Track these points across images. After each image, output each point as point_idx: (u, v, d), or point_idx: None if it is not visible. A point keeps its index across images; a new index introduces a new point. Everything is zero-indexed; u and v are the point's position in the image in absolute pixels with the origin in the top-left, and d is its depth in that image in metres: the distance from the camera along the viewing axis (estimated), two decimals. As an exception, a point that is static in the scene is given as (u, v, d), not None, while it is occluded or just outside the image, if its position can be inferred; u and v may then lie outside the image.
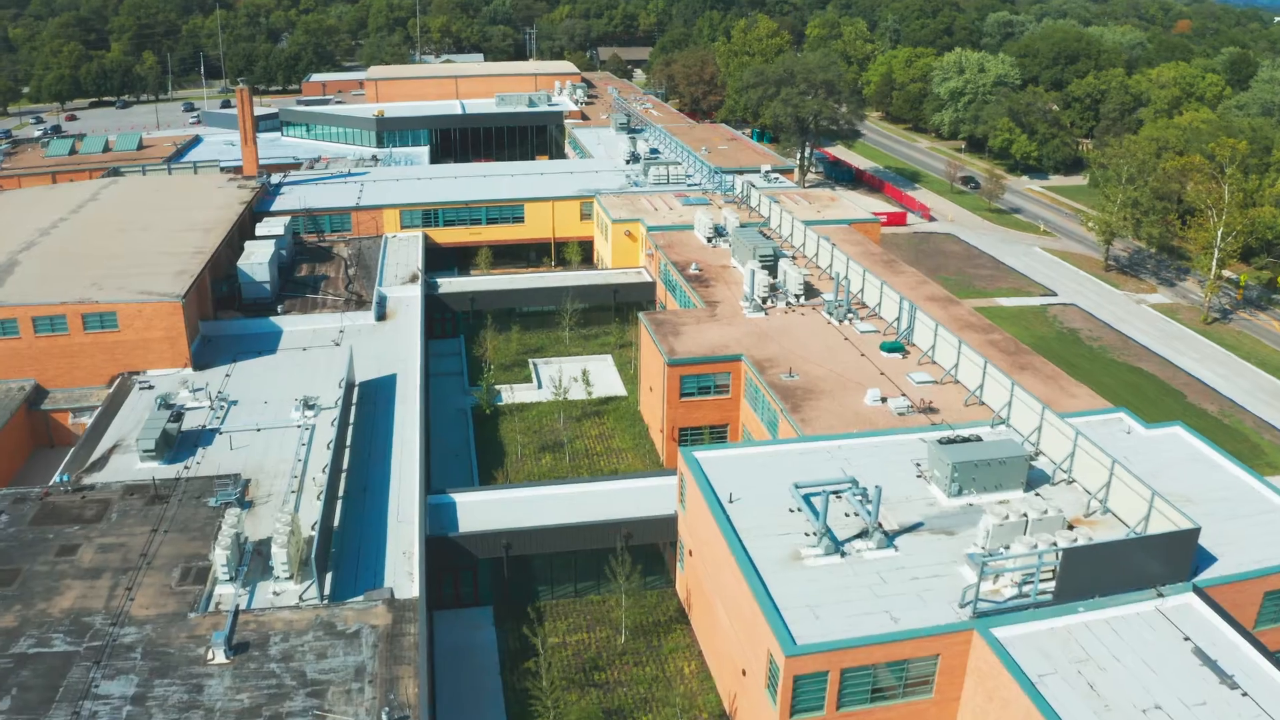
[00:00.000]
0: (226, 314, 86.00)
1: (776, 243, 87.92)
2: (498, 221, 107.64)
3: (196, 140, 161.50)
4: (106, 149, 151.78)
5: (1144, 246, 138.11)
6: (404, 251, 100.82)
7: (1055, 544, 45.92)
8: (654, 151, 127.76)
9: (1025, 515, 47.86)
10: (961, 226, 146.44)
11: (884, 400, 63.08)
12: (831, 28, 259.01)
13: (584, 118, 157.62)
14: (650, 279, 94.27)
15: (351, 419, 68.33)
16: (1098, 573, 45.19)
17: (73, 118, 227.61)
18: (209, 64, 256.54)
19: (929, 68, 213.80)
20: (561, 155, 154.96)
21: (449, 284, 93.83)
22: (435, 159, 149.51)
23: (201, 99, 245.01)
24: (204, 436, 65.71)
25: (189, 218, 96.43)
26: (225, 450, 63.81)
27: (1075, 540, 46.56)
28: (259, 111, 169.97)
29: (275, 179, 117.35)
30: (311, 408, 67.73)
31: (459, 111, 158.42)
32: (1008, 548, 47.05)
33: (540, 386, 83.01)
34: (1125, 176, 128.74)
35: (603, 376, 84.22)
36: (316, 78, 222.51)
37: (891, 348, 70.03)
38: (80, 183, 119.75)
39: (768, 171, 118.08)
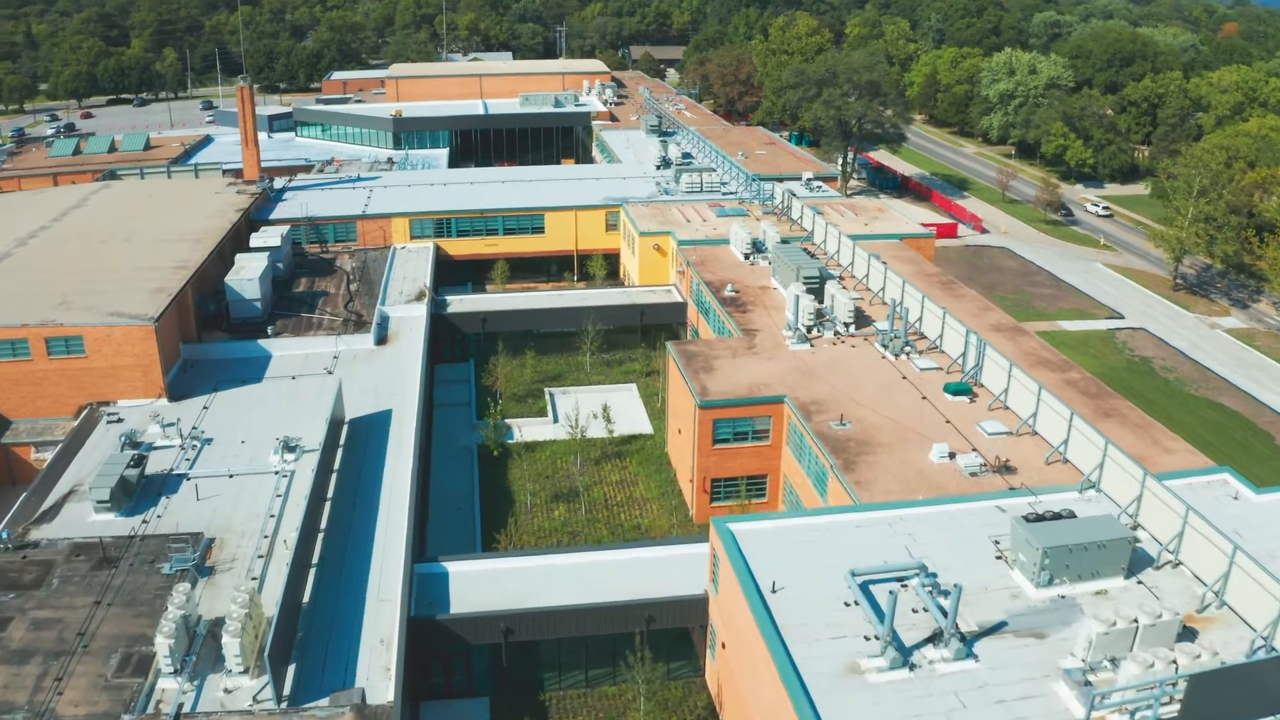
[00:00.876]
0: (212, 335, 77.94)
1: (822, 261, 78.73)
2: (515, 232, 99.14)
3: (207, 140, 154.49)
4: (112, 149, 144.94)
5: (1215, 264, 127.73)
6: (412, 265, 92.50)
7: (1175, 662, 36.78)
8: (686, 156, 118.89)
9: (1135, 622, 38.60)
10: (1016, 239, 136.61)
11: (952, 456, 53.88)
12: (872, 26, 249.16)
13: (613, 119, 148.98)
14: (681, 299, 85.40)
15: (336, 464, 60.03)
16: (1230, 699, 36.02)
17: (88, 115, 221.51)
18: (230, 61, 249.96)
19: (976, 69, 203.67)
20: (588, 159, 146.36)
21: (459, 303, 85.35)
22: (455, 162, 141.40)
23: (219, 97, 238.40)
24: (169, 483, 57.80)
25: (178, 227, 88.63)
26: (191, 501, 55.88)
27: (1199, 656, 37.33)
28: (274, 110, 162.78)
29: (279, 183, 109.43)
30: (293, 450, 59.57)
31: (481, 112, 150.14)
32: (1113, 662, 37.94)
33: (556, 421, 74.31)
34: (1197, 189, 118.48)
35: (626, 410, 75.46)
36: (337, 75, 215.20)
37: (957, 390, 60.79)
38: (71, 186, 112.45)
39: (809, 179, 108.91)
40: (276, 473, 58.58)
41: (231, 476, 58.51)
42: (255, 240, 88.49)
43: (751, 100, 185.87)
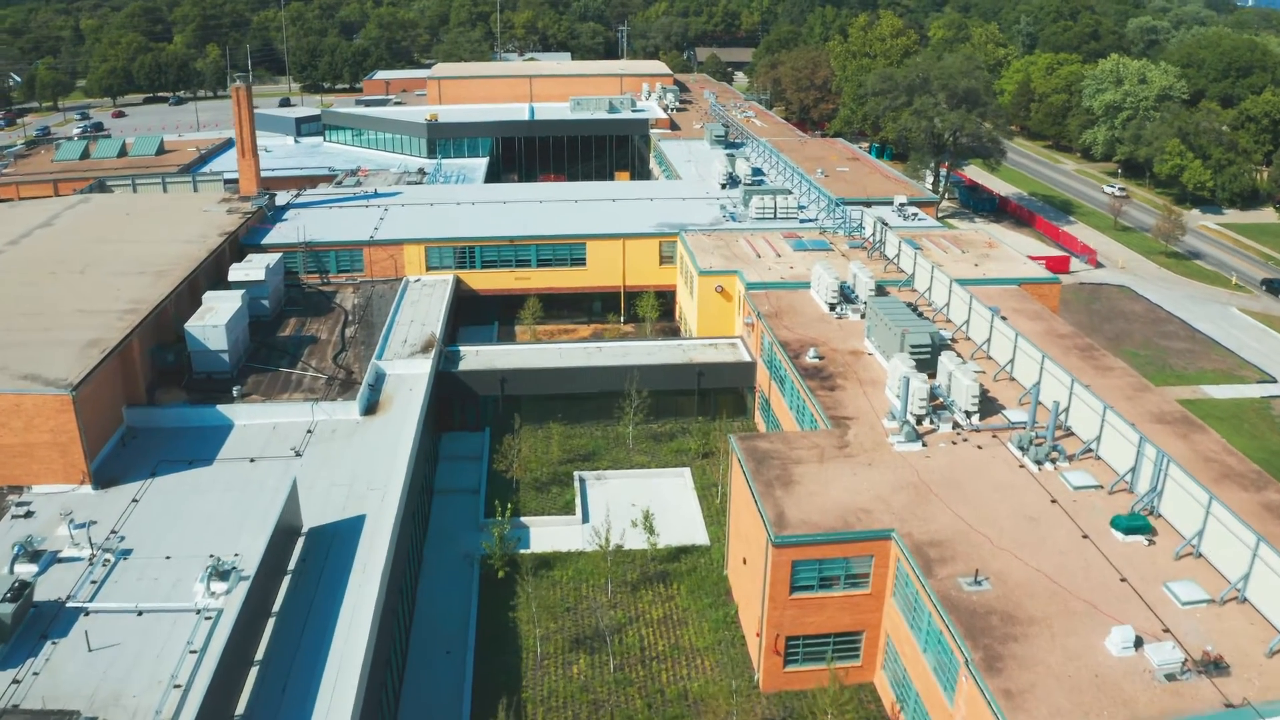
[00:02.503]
0: (168, 394, 62.76)
1: (933, 322, 61.41)
2: (551, 264, 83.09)
3: (228, 145, 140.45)
4: (122, 153, 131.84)
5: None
6: (425, 303, 76.88)
7: None
8: (756, 173, 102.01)
9: None
10: (1135, 276, 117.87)
11: (1139, 645, 36.69)
12: (958, 29, 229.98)
13: (674, 127, 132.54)
14: (749, 358, 68.67)
15: (279, 600, 44.36)
16: None
17: (120, 114, 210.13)
18: (274, 59, 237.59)
19: (1076, 77, 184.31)
20: (645, 172, 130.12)
21: (474, 357, 69.33)
22: (496, 173, 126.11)
23: (262, 95, 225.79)
24: (61, 620, 42.57)
25: (145, 254, 73.93)
26: (81, 650, 40.59)
27: None
28: (303, 113, 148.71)
29: (284, 198, 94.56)
30: (224, 577, 43.84)
31: (525, 117, 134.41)
32: None
33: (586, 520, 57.97)
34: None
35: (675, 508, 59.05)
36: (380, 75, 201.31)
37: (1132, 526, 43.47)
38: (48, 200, 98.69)
39: (903, 205, 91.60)
40: (198, 612, 43.02)
41: (140, 614, 43.14)
42: (235, 273, 73.37)
43: (828, 108, 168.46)
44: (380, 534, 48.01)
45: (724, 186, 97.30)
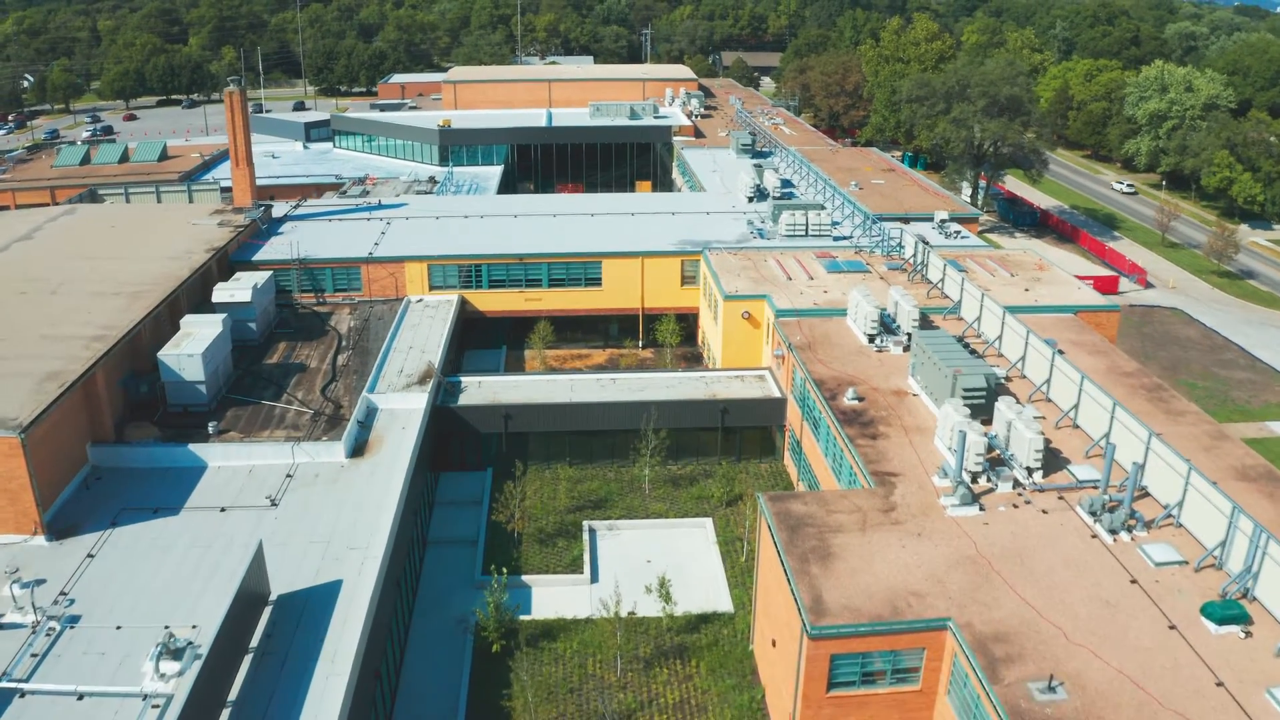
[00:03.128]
0: (139, 430, 57.01)
1: (987, 362, 54.75)
2: (564, 284, 76.94)
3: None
4: (124, 159, 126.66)
5: None
6: (425, 327, 70.94)
7: None
8: (786, 185, 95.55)
9: None
10: (1187, 296, 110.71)
11: (1256, 772, 30.23)
12: (992, 34, 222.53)
13: (698, 135, 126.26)
14: (778, 393, 62.25)
15: (235, 686, 38.37)
16: None
17: (132, 117, 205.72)
18: (291, 61, 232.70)
19: (1116, 84, 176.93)
20: (668, 182, 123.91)
21: (475, 391, 63.21)
22: (510, 181, 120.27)
23: (277, 99, 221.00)
24: (-4, 700, 37.18)
25: (125, 272, 68.36)
26: (8, 744, 35.16)
27: None
28: (313, 117, 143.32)
29: (282, 208, 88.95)
30: (177, 655, 38.11)
31: (542, 123, 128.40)
32: None
33: (595, 579, 51.78)
34: None
35: (697, 565, 52.81)
36: (396, 78, 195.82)
37: (1226, 615, 36.94)
38: (31, 210, 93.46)
39: (943, 221, 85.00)
40: (144, 697, 37.33)
41: (81, 698, 37.57)
42: (219, 294, 67.61)
43: (859, 115, 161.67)
44: (356, 607, 41.96)
45: (751, 200, 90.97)
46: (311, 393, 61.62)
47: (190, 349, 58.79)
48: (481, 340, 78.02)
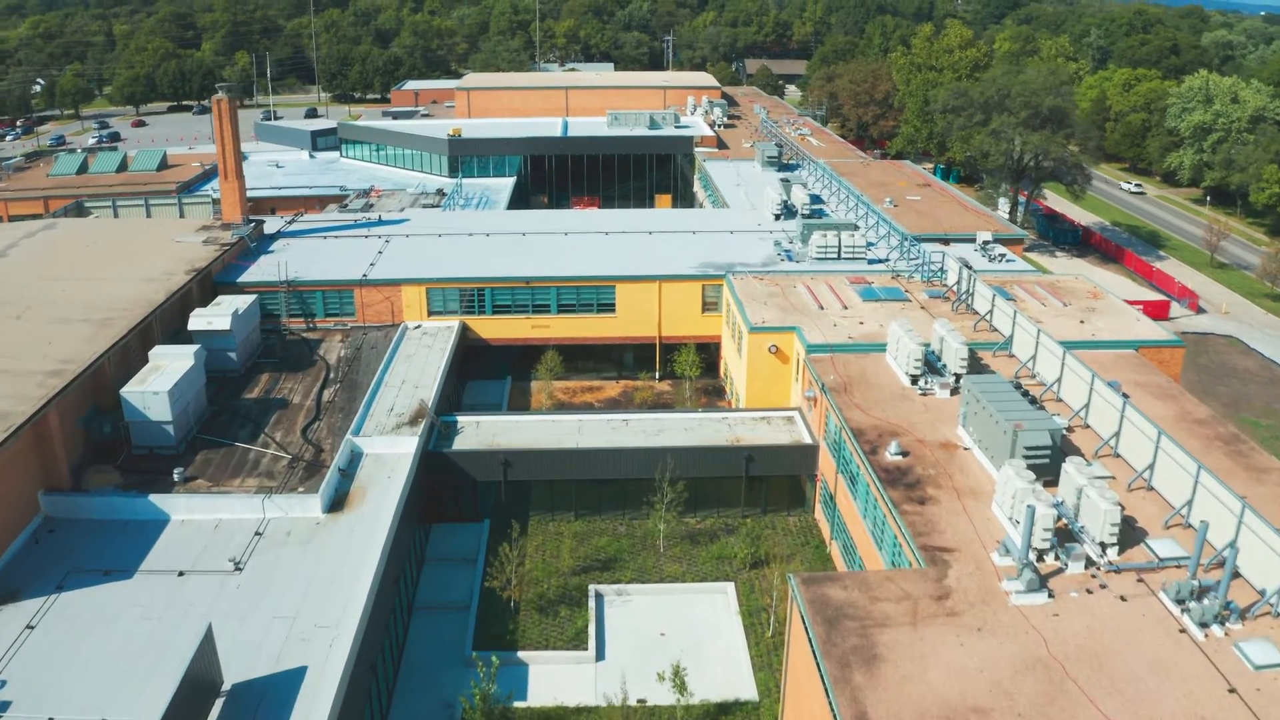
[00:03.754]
0: (100, 475, 51.23)
1: (1050, 414, 47.99)
2: (575, 310, 70.75)
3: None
4: (122, 167, 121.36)
5: None
6: (422, 357, 64.91)
7: None
8: (815, 201, 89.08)
9: None
10: (1241, 323, 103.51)
11: None
12: (1025, 41, 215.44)
13: (721, 146, 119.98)
14: (810, 439, 55.83)
15: (167, 813, 32.34)
16: None
17: (141, 123, 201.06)
18: (305, 67, 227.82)
19: (1156, 94, 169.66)
20: (689, 196, 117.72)
21: (472, 432, 57.04)
22: (523, 194, 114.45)
23: (290, 105, 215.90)
24: None
25: (96, 296, 62.73)
26: None
27: None
28: (320, 125, 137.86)
29: (276, 223, 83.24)
30: (104, 765, 32.17)
31: (557, 133, 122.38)
32: None
33: (601, 656, 45.50)
34: None
35: (717, 640, 46.45)
36: (410, 85, 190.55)
37: (1367, 740, 30.35)
38: (6, 226, 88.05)
39: (987, 243, 78.41)
40: (61, 822, 31.39)
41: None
42: (196, 321, 61.74)
43: (889, 125, 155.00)
44: (320, 702, 35.83)
45: (778, 217, 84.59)
46: (291, 433, 55.64)
47: (156, 385, 52.89)
48: (484, 370, 72.01)
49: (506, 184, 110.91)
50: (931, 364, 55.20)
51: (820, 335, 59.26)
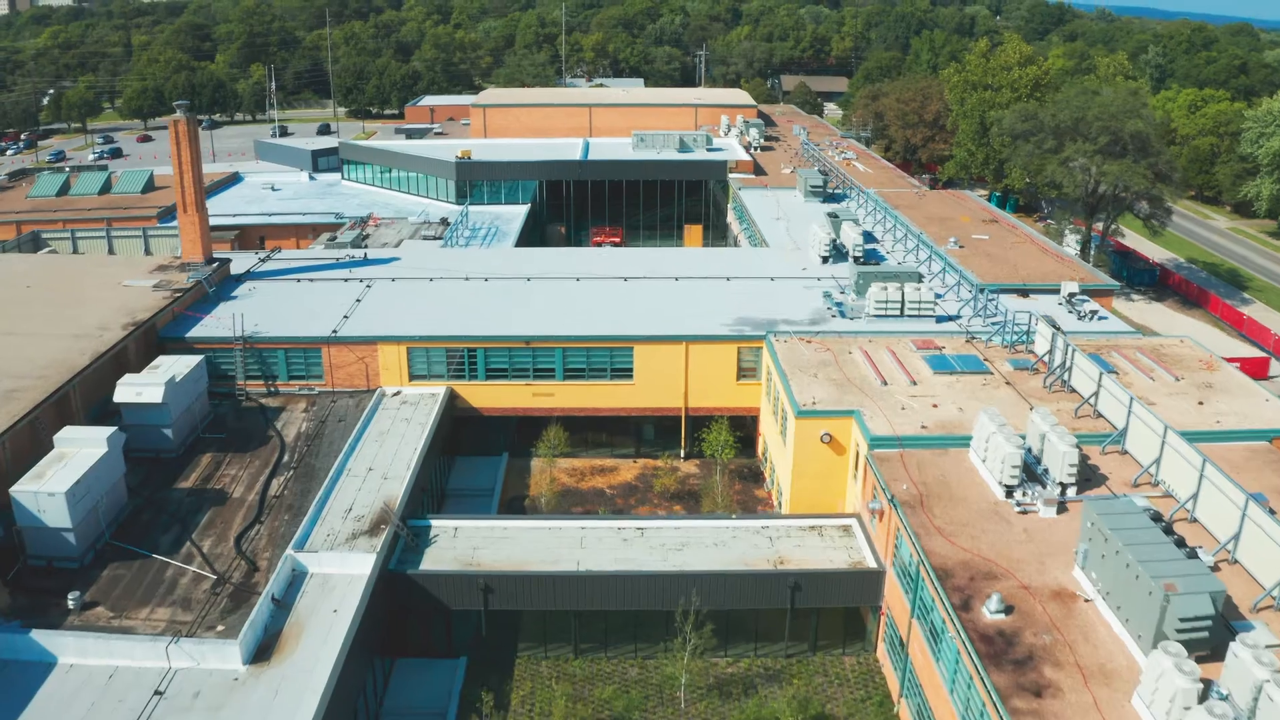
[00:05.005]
0: (-21, 594, 40.43)
1: (1205, 567, 35.85)
2: (584, 375, 59.29)
3: (234, 179, 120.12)
4: (106, 189, 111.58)
5: None
6: (397, 434, 53.68)
7: None
8: (868, 240, 77.11)
9: None
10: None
11: None
12: (1080, 58, 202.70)
13: (758, 171, 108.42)
14: (874, 563, 44.00)
15: None
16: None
17: (146, 138, 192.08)
18: (322, 80, 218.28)
19: (1226, 117, 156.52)
20: (721, 227, 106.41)
21: (446, 544, 45.63)
22: (538, 224, 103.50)
23: (303, 120, 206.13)
24: None
25: (7, 356, 52.24)
26: None
27: None
28: (322, 144, 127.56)
29: (245, 261, 72.52)
30: None
31: (577, 156, 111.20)
32: None
33: None
34: None
35: None
36: (426, 100, 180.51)
37: None
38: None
39: (1073, 295, 66.36)
40: None
41: None
42: (123, 392, 50.88)
43: (939, 148, 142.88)
44: None
45: (826, 260, 72.90)
46: (224, 541, 44.56)
47: (54, 484, 41.94)
48: (476, 444, 60.75)
49: (518, 212, 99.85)
50: (1030, 468, 43.31)
51: (885, 423, 47.49)
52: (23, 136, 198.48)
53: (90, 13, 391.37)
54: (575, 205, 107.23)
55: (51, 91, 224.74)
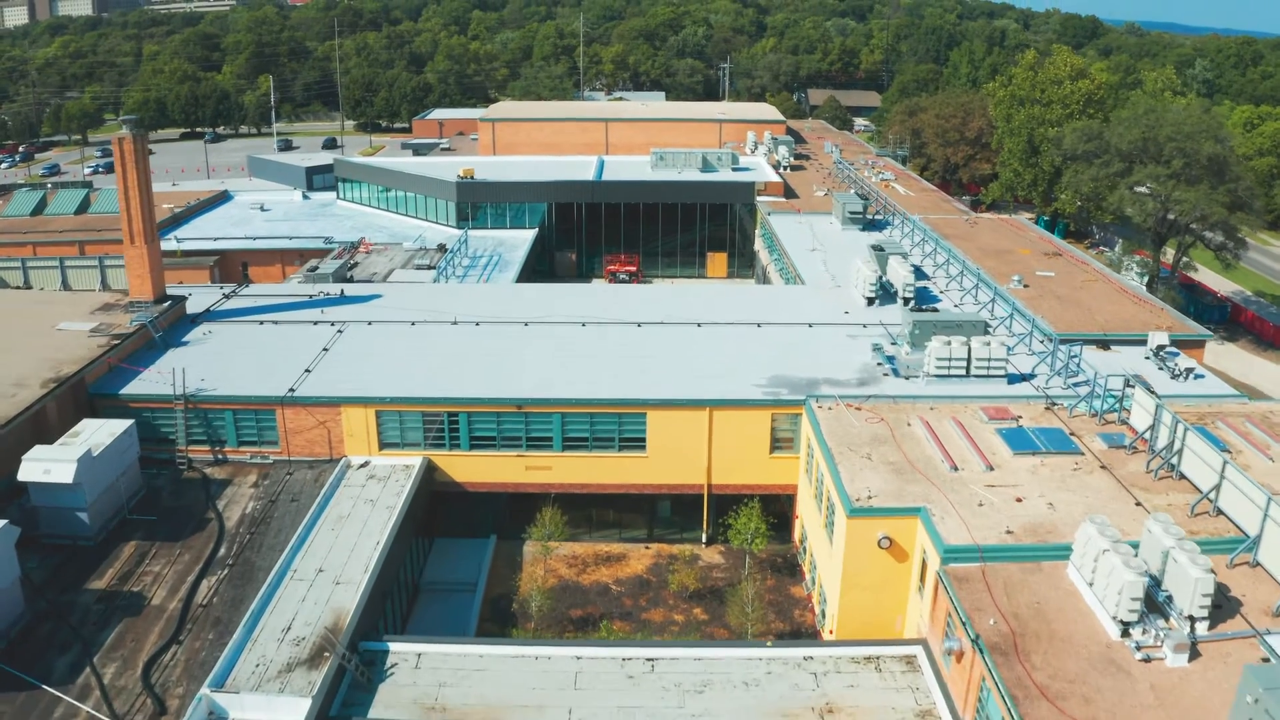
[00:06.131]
0: None
1: None
2: (587, 446, 49.79)
3: (223, 198, 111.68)
4: (84, 208, 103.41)
5: None
6: (359, 520, 44.39)
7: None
8: (919, 276, 67.19)
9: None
10: None
11: None
12: (1126, 72, 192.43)
13: (788, 194, 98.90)
14: (945, 714, 34.20)
15: None
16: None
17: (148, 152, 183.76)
18: (332, 92, 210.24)
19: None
20: (748, 255, 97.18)
21: (403, 679, 36.13)
22: (545, 250, 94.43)
23: (310, 134, 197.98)
24: None
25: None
26: None
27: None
28: (317, 161, 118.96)
29: (204, 298, 63.60)
30: None
31: (590, 176, 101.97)
32: None
33: None
34: None
35: None
36: (436, 114, 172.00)
37: None
38: None
39: (1162, 347, 56.50)
40: None
41: None
42: (28, 470, 41.89)
43: (982, 168, 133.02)
44: None
45: (872, 301, 63.30)
46: (131, 667, 35.47)
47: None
48: (460, 524, 51.47)
49: (524, 238, 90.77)
50: (1156, 595, 33.55)
51: (959, 524, 37.83)
52: (20, 149, 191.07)
53: (109, 23, 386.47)
54: (587, 230, 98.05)
55: (56, 102, 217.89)
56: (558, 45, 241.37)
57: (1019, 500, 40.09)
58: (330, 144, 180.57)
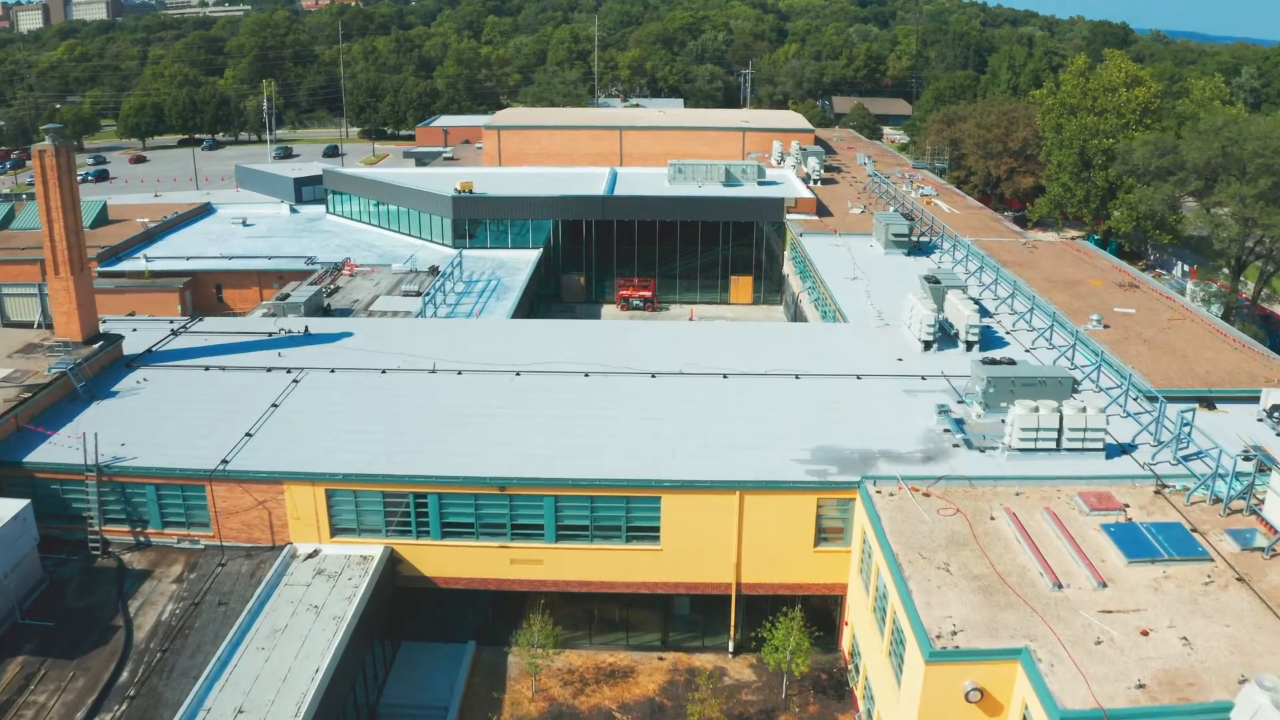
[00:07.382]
0: None
1: None
2: (586, 537, 40.37)
3: (205, 211, 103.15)
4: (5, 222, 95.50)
5: None
6: (297, 634, 35.14)
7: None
8: (982, 313, 57.13)
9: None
10: None
11: None
12: (1171, 80, 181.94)
13: (821, 211, 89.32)
14: None
15: None
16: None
17: (140, 159, 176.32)
18: (337, 98, 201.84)
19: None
20: (776, 279, 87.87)
21: None
22: (551, 271, 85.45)
23: (312, 140, 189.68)
24: None
25: None
26: None
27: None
28: (306, 171, 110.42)
29: (148, 336, 54.67)
30: None
31: (600, 191, 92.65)
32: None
33: None
34: None
35: None
36: (441, 120, 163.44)
37: None
38: None
39: (1278, 408, 46.69)
40: None
41: None
42: None
43: (1026, 181, 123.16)
44: None
45: (929, 345, 53.72)
46: None
47: None
48: (431, 626, 42.16)
49: (526, 259, 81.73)
50: (1368, 805, 23.89)
51: (1074, 674, 28.31)
52: (12, 155, 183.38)
53: (121, 27, 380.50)
54: (598, 250, 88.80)
55: (57, 106, 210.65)
56: (572, 50, 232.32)
57: (1144, 634, 30.53)
58: (332, 152, 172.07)
